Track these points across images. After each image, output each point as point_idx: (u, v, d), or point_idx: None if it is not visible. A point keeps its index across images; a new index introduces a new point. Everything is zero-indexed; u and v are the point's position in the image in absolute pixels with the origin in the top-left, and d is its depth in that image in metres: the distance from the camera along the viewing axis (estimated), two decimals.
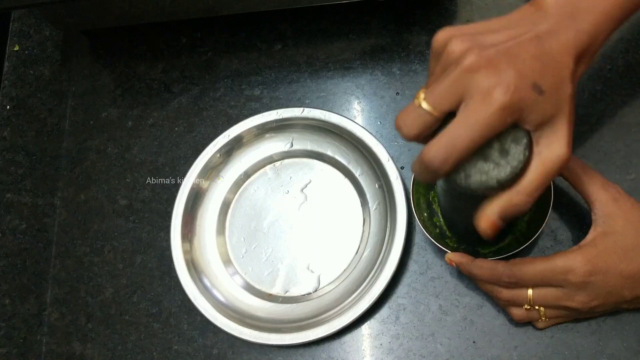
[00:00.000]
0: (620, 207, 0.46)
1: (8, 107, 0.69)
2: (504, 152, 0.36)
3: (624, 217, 0.45)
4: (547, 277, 0.45)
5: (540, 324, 0.50)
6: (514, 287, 0.47)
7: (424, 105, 0.36)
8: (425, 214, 0.54)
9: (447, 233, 0.54)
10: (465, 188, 0.36)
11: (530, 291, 0.47)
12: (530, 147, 0.36)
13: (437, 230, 0.54)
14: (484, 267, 0.48)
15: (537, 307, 0.48)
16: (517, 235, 0.53)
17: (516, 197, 0.37)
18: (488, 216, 0.38)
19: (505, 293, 0.48)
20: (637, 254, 0.44)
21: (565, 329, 0.51)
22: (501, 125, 0.35)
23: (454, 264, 0.50)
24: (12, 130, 0.67)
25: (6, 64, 0.71)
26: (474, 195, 0.37)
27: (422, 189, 0.54)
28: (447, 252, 0.50)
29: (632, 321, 0.51)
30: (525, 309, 0.48)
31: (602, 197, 0.46)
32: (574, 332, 0.51)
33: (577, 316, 0.49)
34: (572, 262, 0.44)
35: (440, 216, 0.54)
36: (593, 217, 0.46)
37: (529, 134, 0.36)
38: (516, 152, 0.36)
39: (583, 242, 0.46)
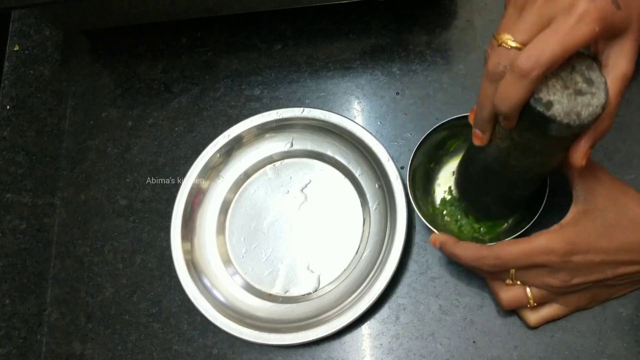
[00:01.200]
0: (601, 184, 0.46)
1: (8, 107, 0.69)
2: (590, 81, 0.38)
3: (604, 194, 0.46)
4: (529, 258, 0.45)
5: (531, 318, 0.50)
6: (498, 269, 0.48)
7: (513, 44, 0.37)
8: (419, 196, 0.55)
9: (440, 221, 0.55)
10: (578, 126, 0.38)
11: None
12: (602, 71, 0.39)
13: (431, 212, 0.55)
14: (468, 248, 0.48)
15: (519, 283, 0.48)
16: (514, 220, 0.53)
17: (601, 123, 0.39)
18: (583, 150, 0.40)
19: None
20: (617, 231, 0.45)
21: (565, 329, 0.51)
22: (589, 33, 0.36)
23: (437, 244, 0.50)
24: (12, 130, 0.67)
25: (6, 64, 0.71)
26: (572, 134, 0.39)
27: (418, 175, 0.55)
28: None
29: (632, 321, 0.51)
30: (507, 284, 0.48)
31: (583, 174, 0.46)
32: (574, 332, 0.51)
33: (567, 306, 0.49)
34: (553, 242, 0.45)
35: (435, 203, 0.55)
36: (574, 194, 0.47)
37: (595, 59, 0.39)
38: (597, 77, 0.38)
39: (564, 221, 0.46)
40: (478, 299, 0.53)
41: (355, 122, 0.58)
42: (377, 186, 0.57)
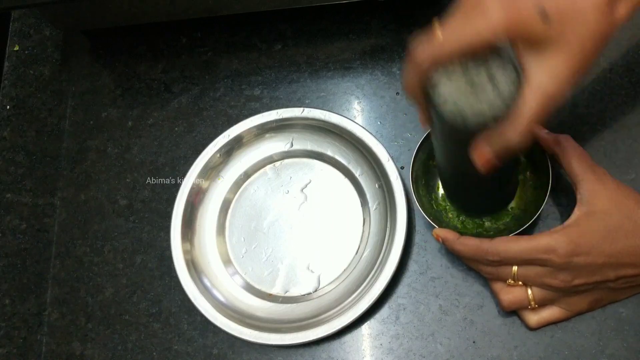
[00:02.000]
0: (605, 187, 0.46)
1: (8, 107, 0.69)
2: (492, 78, 0.37)
3: (608, 197, 0.46)
4: (530, 255, 0.45)
5: (531, 319, 0.50)
6: (498, 265, 0.48)
7: (440, 37, 0.37)
8: (422, 193, 0.54)
9: (444, 218, 0.55)
10: (464, 127, 0.37)
11: (515, 267, 0.47)
12: (519, 81, 0.37)
13: (434, 209, 0.55)
14: (468, 244, 0.48)
15: (520, 283, 0.48)
16: (517, 214, 0.53)
17: (505, 130, 0.37)
18: (481, 151, 0.39)
19: (490, 268, 0.49)
20: (621, 234, 0.45)
21: (565, 329, 0.51)
22: (491, 36, 0.35)
23: (440, 239, 0.51)
24: (12, 130, 0.67)
25: (6, 64, 0.71)
26: (471, 134, 0.38)
27: (421, 171, 0.55)
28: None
29: (632, 321, 0.51)
30: (509, 284, 0.48)
31: (588, 177, 0.46)
32: (574, 332, 0.51)
33: (568, 309, 0.49)
34: (555, 242, 0.44)
35: (439, 199, 0.55)
36: (578, 197, 0.47)
37: (517, 69, 0.37)
38: (504, 79, 0.36)
39: (567, 222, 0.46)
40: (478, 299, 0.53)
41: (355, 122, 0.58)
42: (377, 186, 0.57)
